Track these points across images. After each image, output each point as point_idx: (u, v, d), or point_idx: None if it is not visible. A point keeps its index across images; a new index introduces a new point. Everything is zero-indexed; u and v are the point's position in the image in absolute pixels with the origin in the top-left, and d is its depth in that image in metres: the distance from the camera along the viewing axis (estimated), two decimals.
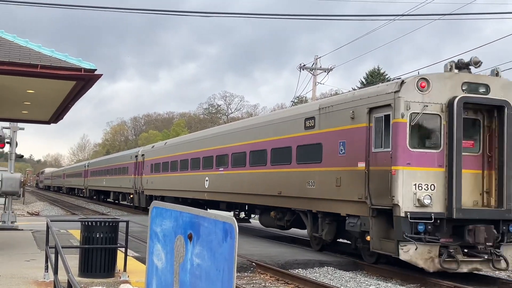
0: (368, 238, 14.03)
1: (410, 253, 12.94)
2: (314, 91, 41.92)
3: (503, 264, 13.43)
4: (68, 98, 13.47)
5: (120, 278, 10.30)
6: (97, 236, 10.33)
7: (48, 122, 18.48)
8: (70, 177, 75.32)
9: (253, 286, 12.55)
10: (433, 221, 12.95)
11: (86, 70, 10.93)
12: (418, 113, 13.22)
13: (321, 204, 16.19)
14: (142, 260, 13.15)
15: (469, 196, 13.68)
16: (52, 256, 8.28)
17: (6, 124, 21.11)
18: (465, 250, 13.32)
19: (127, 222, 10.92)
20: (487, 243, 13.06)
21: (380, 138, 13.85)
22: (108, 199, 53.23)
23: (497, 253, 13.29)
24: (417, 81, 13.34)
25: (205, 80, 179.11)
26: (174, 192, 30.36)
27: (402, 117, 13.18)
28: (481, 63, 14.05)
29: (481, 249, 13.14)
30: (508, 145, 13.57)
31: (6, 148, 22.05)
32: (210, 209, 25.37)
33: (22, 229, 19.50)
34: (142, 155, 37.71)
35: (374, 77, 78.89)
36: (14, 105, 15.17)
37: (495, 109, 13.82)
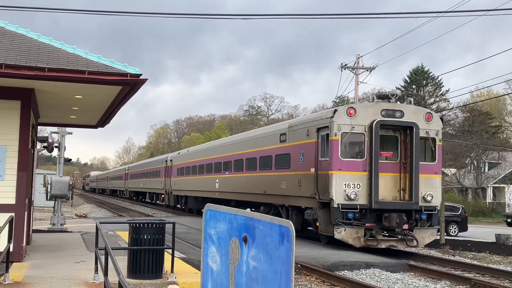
0: (318, 224, 18.80)
1: (341, 234, 17.47)
2: (356, 91, 41.55)
3: (414, 243, 17.97)
4: (114, 103, 13.70)
5: (167, 279, 10.42)
6: (145, 237, 10.47)
7: (95, 127, 18.83)
8: (113, 180, 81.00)
9: (299, 287, 12.53)
10: (358, 210, 17.58)
11: (132, 75, 11.09)
12: (347, 132, 17.90)
13: (290, 200, 21.22)
14: (188, 261, 13.29)
15: (390, 192, 18.26)
16: (102, 258, 8.45)
17: (55, 129, 21.67)
18: (385, 232, 18.22)
19: (174, 223, 11.04)
20: (402, 227, 17.73)
21: (323, 150, 18.60)
22: (145, 199, 57.44)
23: (409, 234, 17.86)
24: (346, 109, 18.09)
25: (245, 82, 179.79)
26: (194, 192, 35.43)
27: (336, 135, 17.85)
28: (397, 95, 19.14)
29: (398, 231, 17.89)
30: (416, 155, 18.09)
31: (55, 152, 22.66)
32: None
33: (71, 231, 19.94)
34: (171, 160, 42.36)
35: (418, 75, 77.60)
36: (63, 110, 15.54)
37: (408, 129, 18.43)
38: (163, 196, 45.20)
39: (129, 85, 11.44)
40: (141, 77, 11.15)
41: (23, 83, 11.59)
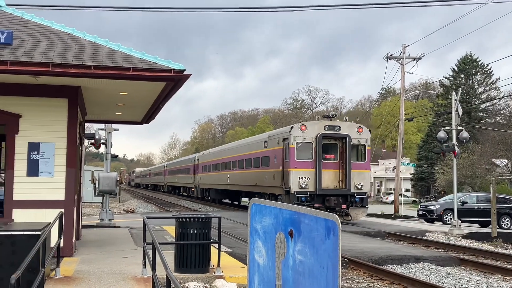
0: None
1: None
2: (402, 81, 40.86)
3: (349, 218, 25.43)
4: (159, 99, 13.89)
5: (214, 273, 10.52)
6: (191, 232, 10.58)
7: (140, 123, 19.14)
8: (154, 176, 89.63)
9: (346, 282, 12.45)
10: (308, 195, 25.07)
11: (175, 71, 11.21)
12: (300, 142, 25.55)
13: (270, 189, 28.84)
14: (234, 255, 13.38)
15: (332, 183, 25.81)
16: (150, 253, 8.59)
17: (101, 125, 22.11)
18: (328, 211, 22.37)
19: (219, 218, 11.13)
20: (341, 206, 25.20)
21: (286, 154, 26.15)
22: (180, 193, 65.53)
23: (346, 212, 25.38)
24: (300, 126, 25.93)
25: (289, 75, 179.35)
26: (214, 185, 43.91)
27: (292, 144, 25.54)
28: (336, 115, 27.54)
29: (337, 210, 24.95)
30: (349, 157, 25.52)
31: (102, 149, 23.12)
32: (230, 197, 43.08)
33: (119, 226, 20.34)
34: (198, 159, 51.52)
35: (467, 64, 75.72)
36: (108, 107, 15.86)
37: (344, 138, 25.79)
38: (192, 189, 53.75)
39: (173, 80, 11.57)
40: (184, 73, 11.25)
41: (70, 81, 11.88)
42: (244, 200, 41.78)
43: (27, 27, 12.94)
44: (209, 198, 47.65)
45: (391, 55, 40.11)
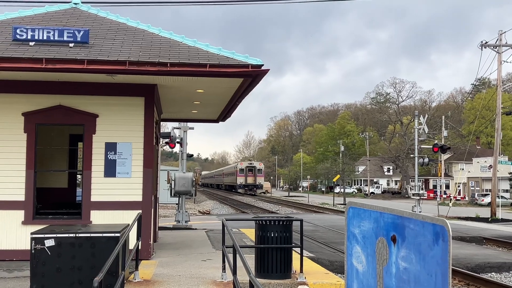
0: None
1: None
2: (499, 71, 39.35)
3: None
4: (236, 96, 14.06)
5: (297, 279, 10.51)
6: (271, 235, 10.62)
7: (216, 121, 19.41)
8: (216, 177, 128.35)
9: None
10: (242, 187, 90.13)
11: (253, 66, 11.31)
12: (242, 168, 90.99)
13: (231, 183, 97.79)
14: (317, 261, 13.35)
15: (250, 181, 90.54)
16: (230, 256, 8.71)
17: (176, 124, 22.64)
18: (246, 189, 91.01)
19: (301, 220, 11.12)
20: (255, 191, 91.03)
21: (236, 172, 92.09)
22: (235, 190, 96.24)
23: (254, 192, 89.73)
24: (240, 163, 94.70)
25: (376, 67, 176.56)
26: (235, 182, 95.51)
27: (237, 168, 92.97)
28: (252, 161, 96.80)
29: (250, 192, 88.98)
30: (255, 172, 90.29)
31: (177, 148, 23.65)
32: (240, 189, 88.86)
33: (195, 228, 20.73)
34: (235, 167, 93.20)
35: None
36: (184, 105, 16.22)
37: (254, 167, 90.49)
38: (235, 187, 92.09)
39: (251, 76, 11.67)
40: (262, 68, 11.33)
41: (146, 79, 12.24)
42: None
43: (103, 24, 13.46)
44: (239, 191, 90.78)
45: (486, 42, 38.71)
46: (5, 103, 12.32)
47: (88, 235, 9.21)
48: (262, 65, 11.36)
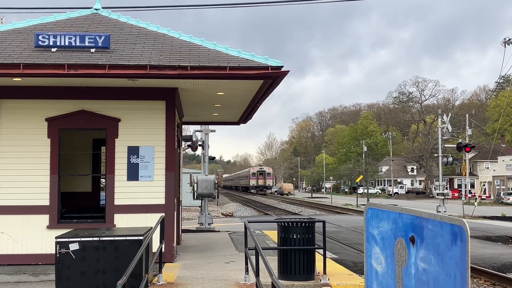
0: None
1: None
2: None
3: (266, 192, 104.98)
4: (256, 98, 14.09)
5: (320, 281, 10.50)
6: (294, 237, 10.62)
7: (237, 123, 19.46)
8: (234, 180, 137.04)
9: None
10: (254, 188, 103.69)
11: (273, 67, 11.32)
12: (254, 172, 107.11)
13: (244, 185, 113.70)
14: (341, 262, 13.31)
15: (259, 183, 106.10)
16: (252, 258, 8.73)
17: (198, 127, 22.75)
18: (257, 190, 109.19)
19: (324, 222, 11.10)
20: (265, 190, 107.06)
21: (250, 176, 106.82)
22: (249, 191, 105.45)
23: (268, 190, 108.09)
24: (251, 168, 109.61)
25: (398, 67, 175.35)
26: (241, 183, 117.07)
27: (250, 172, 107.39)
28: (262, 166, 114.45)
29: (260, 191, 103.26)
30: (265, 175, 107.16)
31: (199, 151, 23.79)
32: (252, 190, 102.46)
33: (218, 231, 20.81)
34: (249, 171, 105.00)
35: None
36: (205, 108, 16.30)
37: (264, 171, 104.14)
38: (248, 188, 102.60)
39: (271, 78, 11.69)
40: (282, 69, 11.34)
41: (167, 83, 12.33)
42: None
43: (123, 29, 13.59)
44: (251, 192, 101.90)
45: (509, 39, 38.27)
46: (29, 108, 12.50)
47: (112, 238, 9.30)
48: (282, 66, 11.37)
